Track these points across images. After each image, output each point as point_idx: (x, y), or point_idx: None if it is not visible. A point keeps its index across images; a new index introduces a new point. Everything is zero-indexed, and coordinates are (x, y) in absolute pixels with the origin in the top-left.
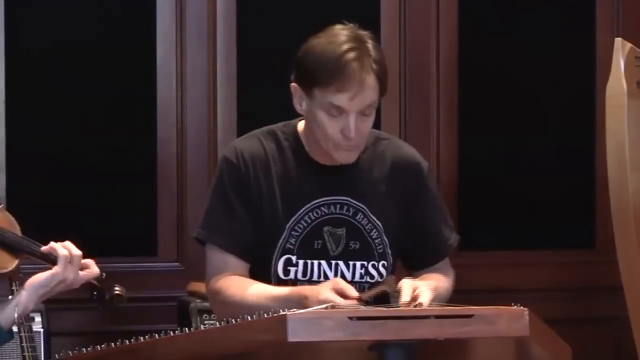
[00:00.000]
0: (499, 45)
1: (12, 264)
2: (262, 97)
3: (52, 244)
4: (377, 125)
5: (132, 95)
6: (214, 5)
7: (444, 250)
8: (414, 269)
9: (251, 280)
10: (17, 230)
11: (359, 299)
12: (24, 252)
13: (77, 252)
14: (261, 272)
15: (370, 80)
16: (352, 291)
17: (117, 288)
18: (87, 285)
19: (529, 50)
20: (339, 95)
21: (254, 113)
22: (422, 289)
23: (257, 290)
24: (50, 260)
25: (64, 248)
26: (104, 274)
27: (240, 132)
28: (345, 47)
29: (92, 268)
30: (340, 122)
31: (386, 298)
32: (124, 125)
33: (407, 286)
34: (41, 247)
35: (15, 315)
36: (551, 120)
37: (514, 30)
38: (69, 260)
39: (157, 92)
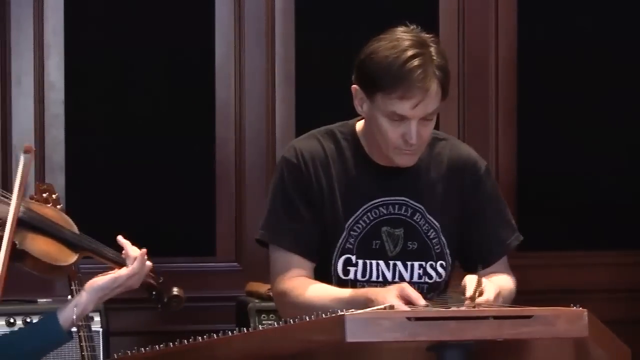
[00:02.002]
0: (557, 45)
1: (72, 258)
2: (321, 96)
3: (128, 248)
4: (435, 125)
5: (190, 95)
6: (272, 4)
7: (499, 250)
8: (470, 269)
9: (316, 282)
10: (74, 228)
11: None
12: (84, 249)
13: (148, 263)
14: (321, 272)
15: (434, 87)
16: (419, 300)
17: (175, 289)
18: (146, 286)
19: (587, 50)
20: (402, 103)
21: (312, 113)
22: (487, 284)
23: (322, 292)
24: (114, 261)
25: (136, 258)
26: (161, 277)
27: (299, 132)
28: (409, 53)
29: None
30: (401, 127)
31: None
32: (183, 126)
33: (471, 281)
34: (105, 247)
35: (75, 316)
36: (610, 119)
37: (573, 29)
38: (137, 272)
39: (216, 92)
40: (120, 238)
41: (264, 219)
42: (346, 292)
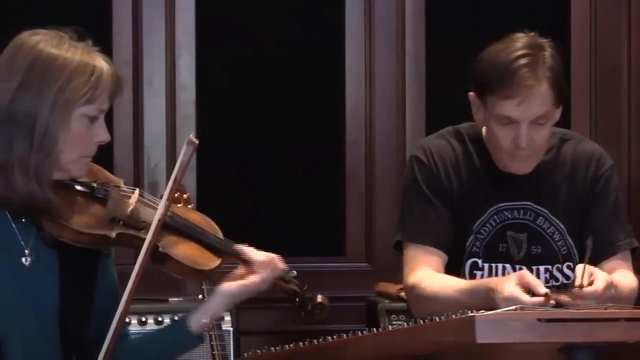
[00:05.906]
0: None
1: (214, 263)
2: (451, 96)
3: (251, 255)
4: (567, 125)
5: (320, 96)
6: (402, 4)
7: (607, 250)
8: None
9: (442, 275)
10: (219, 234)
11: (546, 296)
12: (228, 254)
13: (281, 266)
14: (450, 274)
15: (542, 88)
16: (539, 287)
17: (319, 297)
18: (290, 293)
19: None
20: (506, 102)
21: (443, 113)
22: (598, 274)
23: (446, 284)
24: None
25: (267, 263)
26: (305, 285)
27: (429, 132)
28: (519, 52)
29: (277, 263)
30: (511, 130)
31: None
32: (313, 126)
33: (581, 269)
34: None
35: (207, 321)
36: None
37: None
38: (267, 278)
39: (346, 93)
40: (239, 247)
41: (398, 221)
42: (468, 283)
